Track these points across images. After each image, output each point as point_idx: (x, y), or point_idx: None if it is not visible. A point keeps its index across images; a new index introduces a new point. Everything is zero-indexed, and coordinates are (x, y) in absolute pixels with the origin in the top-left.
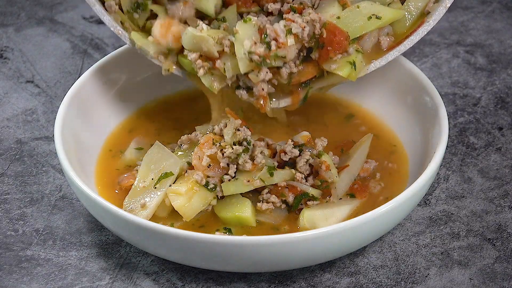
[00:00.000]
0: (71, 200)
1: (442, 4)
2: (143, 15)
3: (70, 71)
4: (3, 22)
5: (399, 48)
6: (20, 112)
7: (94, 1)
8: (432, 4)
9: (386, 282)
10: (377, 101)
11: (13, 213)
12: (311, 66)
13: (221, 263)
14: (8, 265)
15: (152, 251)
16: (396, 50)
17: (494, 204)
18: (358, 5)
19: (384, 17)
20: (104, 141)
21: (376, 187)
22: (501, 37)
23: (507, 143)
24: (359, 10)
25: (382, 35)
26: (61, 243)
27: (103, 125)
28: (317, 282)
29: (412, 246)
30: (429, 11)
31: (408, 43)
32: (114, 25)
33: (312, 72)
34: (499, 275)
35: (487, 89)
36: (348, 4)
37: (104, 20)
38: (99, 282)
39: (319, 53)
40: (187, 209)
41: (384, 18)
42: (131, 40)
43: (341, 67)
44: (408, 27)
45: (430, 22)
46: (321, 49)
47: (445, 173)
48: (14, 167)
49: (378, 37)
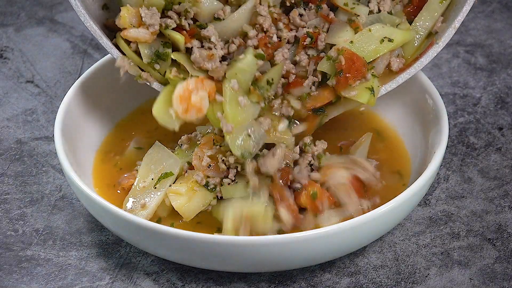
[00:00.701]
0: (71, 200)
1: (451, 26)
2: (164, 65)
3: (70, 71)
4: (3, 22)
5: (409, 71)
6: (20, 112)
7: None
8: (440, 24)
9: (386, 282)
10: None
11: (13, 213)
12: (327, 91)
13: (221, 263)
14: (8, 265)
15: (152, 251)
16: (406, 73)
17: (494, 204)
18: (369, 28)
19: (396, 39)
20: (104, 141)
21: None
22: (501, 37)
23: (507, 143)
24: (371, 33)
25: (393, 57)
26: (61, 243)
27: (103, 125)
28: (317, 282)
29: (412, 246)
30: (437, 31)
31: (418, 65)
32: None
33: (328, 97)
34: (499, 275)
35: (487, 89)
36: (360, 28)
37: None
38: (99, 282)
39: (337, 80)
40: (187, 209)
41: (396, 40)
42: (155, 115)
43: (360, 94)
44: (417, 48)
45: (440, 44)
46: (339, 76)
47: (445, 173)
48: (14, 167)
49: (389, 59)
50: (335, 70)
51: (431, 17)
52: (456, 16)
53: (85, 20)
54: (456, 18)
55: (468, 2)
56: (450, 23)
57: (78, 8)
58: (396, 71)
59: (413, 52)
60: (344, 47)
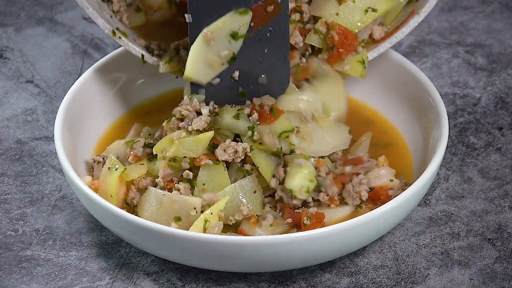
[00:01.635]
0: (71, 200)
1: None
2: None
3: (70, 71)
4: (3, 22)
5: (390, 40)
6: (20, 112)
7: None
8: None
9: (386, 282)
10: (377, 101)
11: (13, 213)
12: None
13: (221, 263)
14: (8, 265)
15: (152, 251)
16: (387, 42)
17: (494, 204)
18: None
19: (379, 9)
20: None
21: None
22: (501, 37)
23: (507, 143)
24: (355, 4)
25: (375, 25)
26: (61, 243)
27: (103, 125)
28: (317, 282)
29: (412, 246)
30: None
31: (400, 34)
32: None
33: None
34: (499, 275)
35: (487, 89)
36: (344, 0)
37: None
38: (99, 282)
39: (330, 55)
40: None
41: (379, 10)
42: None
43: (353, 68)
44: (398, 15)
45: (421, 14)
46: (332, 51)
47: (445, 173)
48: (14, 167)
49: (372, 28)
50: (325, 44)
51: None
52: None
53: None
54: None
55: None
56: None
57: None
58: (378, 39)
59: (394, 19)
60: (334, 22)
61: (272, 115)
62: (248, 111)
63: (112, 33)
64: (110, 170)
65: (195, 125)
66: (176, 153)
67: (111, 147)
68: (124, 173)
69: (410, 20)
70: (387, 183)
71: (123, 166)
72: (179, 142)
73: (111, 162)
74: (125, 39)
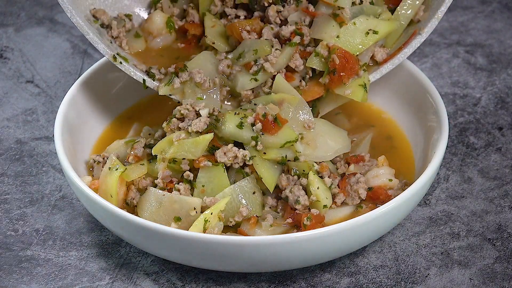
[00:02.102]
0: (71, 200)
1: (434, 16)
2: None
3: (70, 71)
4: (3, 22)
5: (393, 61)
6: (20, 112)
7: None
8: (422, 13)
9: (386, 282)
10: (377, 101)
11: (13, 213)
12: (317, 86)
13: (221, 263)
14: (8, 265)
15: (152, 251)
16: (390, 63)
17: (494, 204)
18: (354, 21)
19: (380, 31)
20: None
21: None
22: (501, 37)
23: (507, 143)
24: (356, 27)
25: (377, 47)
26: (61, 243)
27: (103, 125)
28: (317, 282)
29: (412, 246)
30: (420, 20)
31: (402, 55)
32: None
33: (318, 92)
34: (499, 275)
35: (487, 89)
36: (345, 22)
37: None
38: (99, 282)
39: (331, 78)
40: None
41: (380, 32)
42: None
43: (355, 92)
44: (399, 37)
45: (423, 35)
46: (333, 75)
47: (445, 173)
48: (14, 167)
49: (373, 50)
50: (327, 67)
51: (413, 5)
52: (439, 6)
53: (72, 16)
54: (439, 8)
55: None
56: (434, 13)
57: (64, 4)
58: (380, 61)
59: (395, 41)
60: (336, 45)
61: (276, 125)
62: (252, 120)
63: (113, 58)
64: (110, 170)
65: (194, 126)
66: (175, 155)
67: (111, 147)
68: (125, 173)
69: (412, 41)
70: (386, 183)
71: (123, 166)
72: (179, 144)
73: (112, 162)
74: (126, 65)
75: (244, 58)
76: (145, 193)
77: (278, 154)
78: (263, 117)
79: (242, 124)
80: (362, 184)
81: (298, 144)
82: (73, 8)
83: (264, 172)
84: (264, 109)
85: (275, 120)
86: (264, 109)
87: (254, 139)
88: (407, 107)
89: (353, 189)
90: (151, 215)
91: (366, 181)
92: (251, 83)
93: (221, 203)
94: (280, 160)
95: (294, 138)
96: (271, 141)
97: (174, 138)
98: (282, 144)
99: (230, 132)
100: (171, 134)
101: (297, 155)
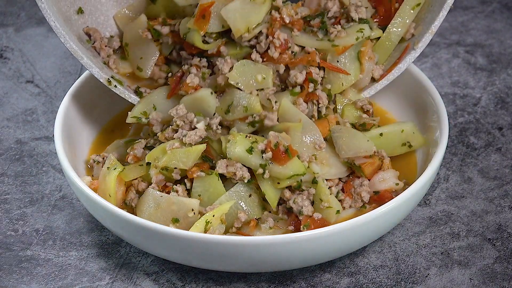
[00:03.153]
0: (71, 200)
1: (428, 31)
2: None
3: (70, 71)
4: (3, 22)
5: (388, 77)
6: (20, 112)
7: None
8: (413, 30)
9: (386, 282)
10: (377, 101)
11: (13, 213)
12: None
13: (221, 263)
14: (8, 265)
15: (152, 251)
16: (385, 79)
17: (494, 204)
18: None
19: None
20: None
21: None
22: (501, 37)
23: (507, 143)
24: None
25: (374, 65)
26: (61, 243)
27: (103, 125)
28: (317, 282)
29: (412, 246)
30: (414, 34)
31: (397, 71)
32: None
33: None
34: (499, 275)
35: (487, 89)
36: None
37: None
38: (99, 282)
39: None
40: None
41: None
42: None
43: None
44: (390, 54)
45: (417, 50)
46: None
47: (445, 173)
48: (14, 167)
49: (372, 69)
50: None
51: (403, 24)
52: (433, 21)
53: (65, 41)
54: (432, 23)
55: (445, 7)
56: (427, 28)
57: (57, 29)
58: (378, 78)
59: (387, 58)
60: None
61: (286, 156)
62: (263, 147)
63: (107, 82)
64: (109, 170)
65: (188, 138)
66: (167, 163)
67: (110, 147)
68: (123, 173)
69: (406, 56)
70: (393, 186)
71: (121, 166)
72: (171, 153)
73: (110, 162)
74: (121, 87)
75: (234, 113)
76: (143, 195)
77: (292, 180)
78: (275, 146)
79: (252, 149)
80: (366, 187)
81: (314, 165)
82: (66, 33)
83: (268, 189)
84: (277, 138)
85: (286, 151)
86: (276, 138)
87: (262, 167)
88: (407, 107)
89: (356, 192)
90: (149, 217)
91: (372, 185)
92: (249, 129)
93: (226, 206)
94: (295, 185)
95: (302, 172)
96: (279, 171)
97: (167, 147)
98: (289, 175)
99: (239, 155)
100: (166, 142)
101: (315, 176)
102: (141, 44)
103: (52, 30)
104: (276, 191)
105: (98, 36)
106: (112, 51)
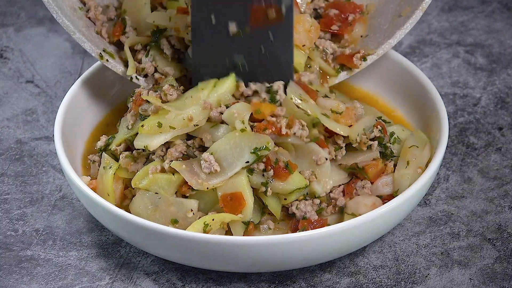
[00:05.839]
0: (71, 200)
1: (419, 7)
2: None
3: (70, 71)
4: (3, 22)
5: (378, 52)
6: (20, 112)
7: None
8: (397, 18)
9: (386, 282)
10: (378, 101)
11: (13, 213)
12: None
13: (221, 263)
14: (8, 265)
15: (152, 251)
16: (375, 55)
17: (494, 204)
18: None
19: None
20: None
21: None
22: (501, 37)
23: (507, 143)
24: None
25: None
26: (61, 243)
27: (103, 125)
28: (317, 282)
29: (412, 246)
30: (401, 15)
31: (387, 46)
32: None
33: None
34: (499, 275)
35: (487, 89)
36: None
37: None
38: (99, 282)
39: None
40: None
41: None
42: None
43: None
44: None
45: (407, 26)
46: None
47: (445, 173)
48: (14, 167)
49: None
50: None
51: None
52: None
53: (57, 17)
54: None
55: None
56: (418, 5)
57: (49, 4)
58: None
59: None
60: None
61: (287, 172)
62: (263, 166)
63: (99, 56)
64: (105, 169)
65: (169, 155)
66: (148, 187)
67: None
68: (119, 170)
69: (412, 15)
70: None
71: (116, 164)
72: (153, 177)
73: (105, 161)
74: (113, 61)
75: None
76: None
77: (298, 195)
78: (275, 163)
79: (253, 170)
80: (367, 190)
81: (315, 185)
82: (58, 8)
83: (271, 201)
84: (275, 155)
85: (287, 167)
86: (275, 155)
87: (264, 185)
88: (407, 107)
89: (357, 194)
90: (148, 218)
91: (375, 190)
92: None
93: (226, 216)
94: (301, 199)
95: (304, 185)
96: (281, 187)
97: (150, 170)
98: (292, 190)
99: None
100: (148, 165)
101: (319, 195)
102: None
103: (52, 30)
104: (279, 202)
105: (93, 4)
106: (106, 19)
